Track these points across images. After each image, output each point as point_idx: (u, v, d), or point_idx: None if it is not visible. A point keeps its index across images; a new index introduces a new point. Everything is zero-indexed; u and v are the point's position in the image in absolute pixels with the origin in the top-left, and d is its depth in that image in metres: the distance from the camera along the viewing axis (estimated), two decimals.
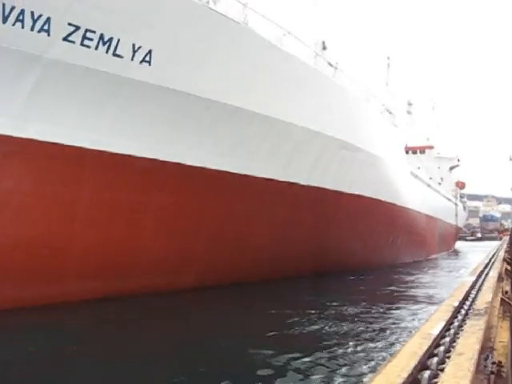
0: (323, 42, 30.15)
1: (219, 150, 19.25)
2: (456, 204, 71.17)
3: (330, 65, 28.22)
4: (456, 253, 66.38)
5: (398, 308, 17.06)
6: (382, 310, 16.48)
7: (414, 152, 66.30)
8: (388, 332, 12.81)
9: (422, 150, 68.79)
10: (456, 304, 4.76)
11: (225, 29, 17.90)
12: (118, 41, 15.17)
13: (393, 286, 23.34)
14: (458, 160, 75.86)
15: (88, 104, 15.58)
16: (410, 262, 39.62)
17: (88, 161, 15.82)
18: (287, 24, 22.14)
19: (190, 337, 11.98)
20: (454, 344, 3.27)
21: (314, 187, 24.47)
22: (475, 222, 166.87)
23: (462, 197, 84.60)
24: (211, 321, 14.03)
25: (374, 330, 12.98)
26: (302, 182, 23.63)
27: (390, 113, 38.56)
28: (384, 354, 10.38)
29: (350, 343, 11.34)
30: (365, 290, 22.21)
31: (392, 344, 11.37)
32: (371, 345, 11.27)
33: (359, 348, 10.92)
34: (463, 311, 4.51)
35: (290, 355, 10.07)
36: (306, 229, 24.19)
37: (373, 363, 9.68)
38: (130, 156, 16.72)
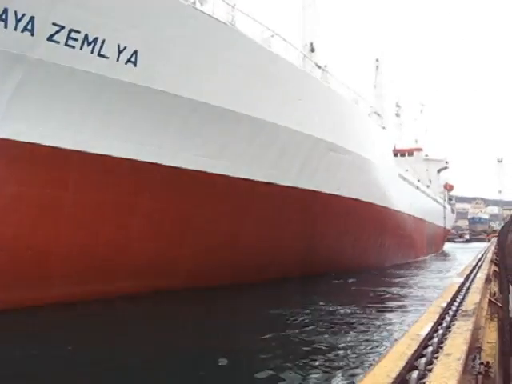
0: (311, 44, 30.29)
1: (207, 151, 19.25)
2: (444, 206, 71.66)
3: (318, 66, 28.36)
4: (444, 254, 66.81)
5: (386, 309, 17.12)
6: (370, 311, 16.52)
7: (403, 154, 66.80)
8: (377, 333, 12.86)
9: (411, 153, 69.36)
10: (444, 305, 4.79)
11: (212, 30, 17.91)
12: (103, 41, 15.13)
13: (382, 288, 23.42)
14: (447, 162, 76.49)
15: (73, 105, 15.52)
16: (399, 263, 39.84)
17: (73, 162, 15.75)
18: (276, 27, 22.27)
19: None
20: (442, 345, 3.29)
21: (302, 189, 24.53)
22: (464, 224, 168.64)
23: (450, 199, 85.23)
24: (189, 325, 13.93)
25: (363, 332, 13.02)
26: (290, 184, 23.68)
27: (379, 115, 38.77)
28: (373, 355, 10.41)
29: (340, 345, 11.36)
30: (353, 292, 22.30)
31: (381, 345, 11.42)
32: (360, 346, 11.30)
33: (349, 351, 10.94)
34: (451, 312, 4.54)
35: (282, 360, 10.09)
36: (294, 231, 24.23)
37: (362, 365, 9.71)
38: (116, 158, 16.67)
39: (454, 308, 4.80)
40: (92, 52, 15.06)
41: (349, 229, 29.77)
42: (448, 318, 4.22)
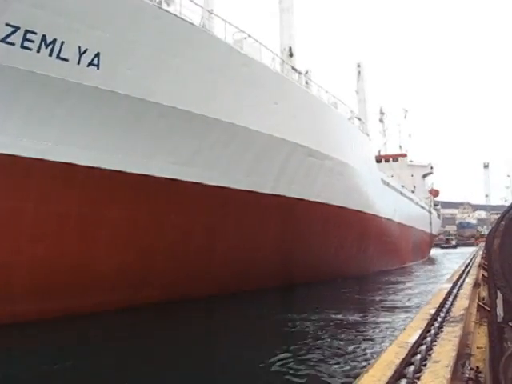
0: (290, 49, 30.37)
1: (178, 158, 19.13)
2: (430, 212, 72.35)
3: (295, 70, 28.43)
4: (431, 260, 67.42)
5: (374, 317, 17.19)
6: (357, 319, 16.58)
7: (387, 160, 67.52)
8: (365, 342, 12.88)
9: (395, 158, 70.16)
10: (432, 311, 4.78)
11: (179, 31, 17.81)
12: (62, 43, 14.93)
13: (367, 295, 23.50)
14: (431, 168, 77.45)
15: (32, 111, 15.29)
16: (384, 270, 40.09)
17: (34, 172, 15.50)
18: (256, 33, 22.25)
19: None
20: (431, 352, 3.27)
21: (281, 196, 24.53)
22: (452, 229, 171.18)
23: (436, 204, 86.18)
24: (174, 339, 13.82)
25: (351, 340, 13.04)
26: (267, 191, 23.66)
27: (360, 120, 39.02)
28: (362, 363, 10.43)
29: (327, 354, 11.37)
30: (338, 300, 22.30)
31: (369, 353, 11.44)
32: (348, 356, 11.31)
33: (336, 359, 10.96)
34: (440, 319, 4.53)
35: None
36: (272, 239, 24.20)
37: (350, 373, 9.71)
38: (80, 166, 16.47)
39: (442, 314, 4.80)
40: (51, 54, 14.86)
41: (331, 236, 29.85)
42: (437, 325, 4.21)
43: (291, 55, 30.31)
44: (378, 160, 51.23)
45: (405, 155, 73.25)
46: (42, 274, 15.66)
